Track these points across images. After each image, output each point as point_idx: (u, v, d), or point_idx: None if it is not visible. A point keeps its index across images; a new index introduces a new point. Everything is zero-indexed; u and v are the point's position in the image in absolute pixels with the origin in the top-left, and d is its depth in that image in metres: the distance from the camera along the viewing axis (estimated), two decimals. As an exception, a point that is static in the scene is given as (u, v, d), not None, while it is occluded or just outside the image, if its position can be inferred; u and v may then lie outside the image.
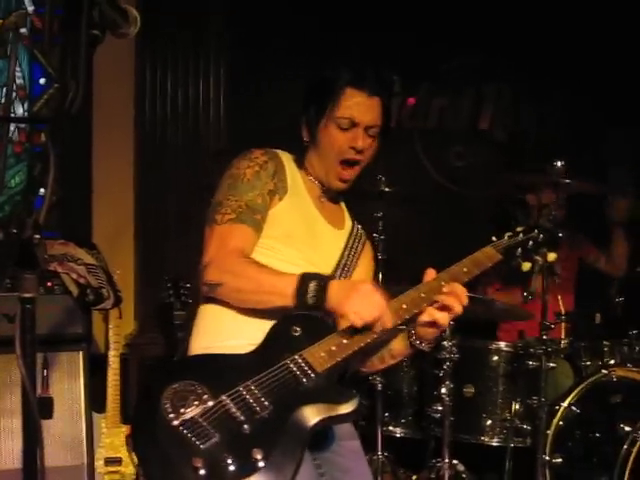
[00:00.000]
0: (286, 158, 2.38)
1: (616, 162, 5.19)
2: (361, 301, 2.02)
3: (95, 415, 3.69)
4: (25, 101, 4.85)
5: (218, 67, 5.03)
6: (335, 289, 2.06)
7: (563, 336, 4.13)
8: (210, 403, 1.94)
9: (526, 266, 2.26)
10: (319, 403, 1.98)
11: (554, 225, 2.93)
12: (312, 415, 1.96)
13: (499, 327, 4.63)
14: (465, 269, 2.20)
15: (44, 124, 1.54)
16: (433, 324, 2.14)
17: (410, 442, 4.14)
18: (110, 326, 3.76)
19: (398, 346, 2.27)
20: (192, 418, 1.92)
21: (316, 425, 1.96)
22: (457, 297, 2.12)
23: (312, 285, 2.05)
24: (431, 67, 5.29)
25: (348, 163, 2.33)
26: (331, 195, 2.44)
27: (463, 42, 5.18)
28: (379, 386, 3.94)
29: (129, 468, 3.72)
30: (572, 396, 3.73)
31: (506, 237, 2.26)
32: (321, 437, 2.14)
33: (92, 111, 4.77)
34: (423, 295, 2.13)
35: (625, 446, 3.38)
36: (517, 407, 3.89)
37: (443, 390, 3.81)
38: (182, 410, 1.92)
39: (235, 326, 2.19)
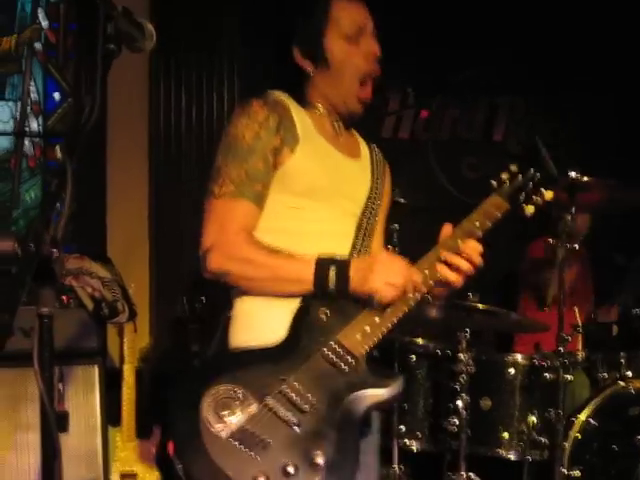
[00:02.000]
0: (288, 99, 2.18)
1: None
2: (386, 270, 1.97)
3: (110, 429, 3.69)
4: (39, 116, 4.88)
5: (232, 83, 5.06)
6: (355, 270, 1.97)
7: (580, 348, 4.11)
8: (254, 407, 1.85)
9: (529, 209, 2.19)
10: (364, 389, 1.91)
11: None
12: (360, 404, 1.90)
13: (515, 339, 4.61)
14: (477, 223, 2.13)
15: (58, 139, 1.55)
16: (446, 283, 2.07)
17: (426, 455, 4.11)
18: (125, 340, 3.75)
19: None
20: (240, 427, 1.83)
21: (365, 413, 1.91)
22: (469, 256, 2.06)
23: (332, 272, 1.96)
24: (444, 79, 5.28)
25: (367, 78, 2.18)
26: (344, 123, 2.26)
27: (476, 54, 5.17)
28: (395, 399, 3.92)
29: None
30: (589, 408, 3.70)
31: (507, 182, 2.22)
32: None
33: (107, 125, 4.80)
34: (442, 258, 2.06)
35: (644, 459, 3.37)
36: (534, 420, 3.86)
37: (459, 403, 3.78)
38: (227, 420, 1.83)
39: (271, 319, 2.03)
